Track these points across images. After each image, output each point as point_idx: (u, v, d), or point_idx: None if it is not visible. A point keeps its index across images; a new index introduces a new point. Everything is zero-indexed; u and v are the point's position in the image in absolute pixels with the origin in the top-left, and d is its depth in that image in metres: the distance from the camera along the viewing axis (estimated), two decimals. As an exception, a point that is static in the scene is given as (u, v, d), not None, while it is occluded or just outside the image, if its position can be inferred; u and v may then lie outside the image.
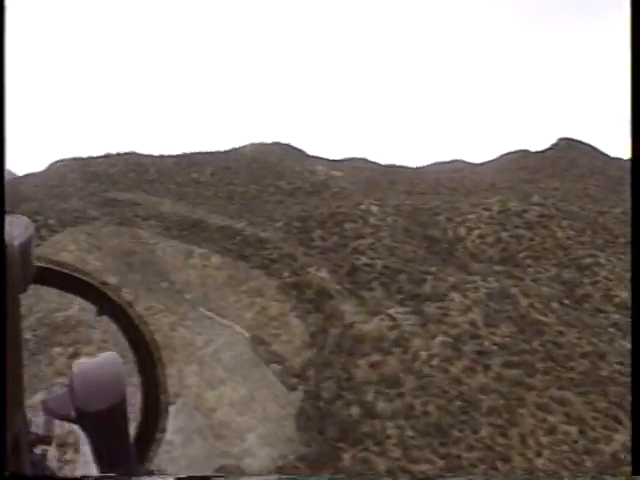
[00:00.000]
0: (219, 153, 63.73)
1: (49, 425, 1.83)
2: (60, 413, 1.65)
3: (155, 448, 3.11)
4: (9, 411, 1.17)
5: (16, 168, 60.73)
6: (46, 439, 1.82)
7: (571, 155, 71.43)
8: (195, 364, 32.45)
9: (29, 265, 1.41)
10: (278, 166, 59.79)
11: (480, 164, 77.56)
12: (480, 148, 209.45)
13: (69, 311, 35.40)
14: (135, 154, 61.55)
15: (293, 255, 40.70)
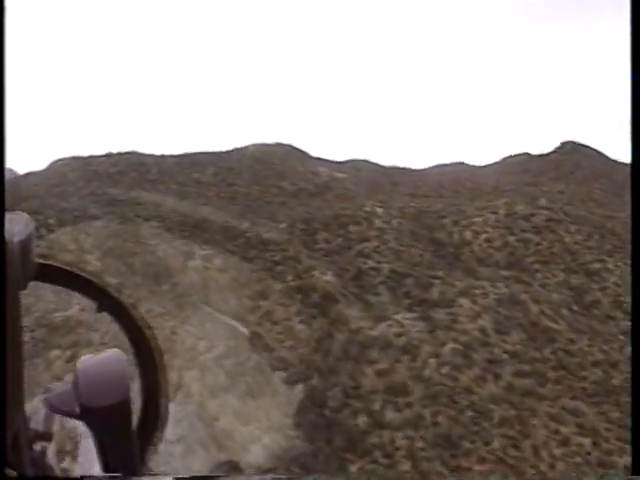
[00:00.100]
0: (221, 153, 62.88)
1: (49, 422, 1.81)
2: (64, 409, 1.60)
3: (157, 442, 2.70)
4: (9, 409, 1.16)
5: (17, 167, 60.11)
6: (46, 436, 1.80)
7: (575, 158, 70.66)
8: (197, 370, 31.56)
9: (29, 262, 1.40)
10: (281, 167, 58.94)
11: (482, 167, 76.93)
12: (481, 151, 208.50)
13: (69, 311, 34.59)
14: (137, 153, 60.68)
15: (297, 258, 39.79)
